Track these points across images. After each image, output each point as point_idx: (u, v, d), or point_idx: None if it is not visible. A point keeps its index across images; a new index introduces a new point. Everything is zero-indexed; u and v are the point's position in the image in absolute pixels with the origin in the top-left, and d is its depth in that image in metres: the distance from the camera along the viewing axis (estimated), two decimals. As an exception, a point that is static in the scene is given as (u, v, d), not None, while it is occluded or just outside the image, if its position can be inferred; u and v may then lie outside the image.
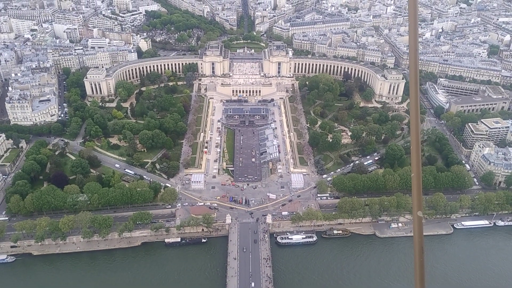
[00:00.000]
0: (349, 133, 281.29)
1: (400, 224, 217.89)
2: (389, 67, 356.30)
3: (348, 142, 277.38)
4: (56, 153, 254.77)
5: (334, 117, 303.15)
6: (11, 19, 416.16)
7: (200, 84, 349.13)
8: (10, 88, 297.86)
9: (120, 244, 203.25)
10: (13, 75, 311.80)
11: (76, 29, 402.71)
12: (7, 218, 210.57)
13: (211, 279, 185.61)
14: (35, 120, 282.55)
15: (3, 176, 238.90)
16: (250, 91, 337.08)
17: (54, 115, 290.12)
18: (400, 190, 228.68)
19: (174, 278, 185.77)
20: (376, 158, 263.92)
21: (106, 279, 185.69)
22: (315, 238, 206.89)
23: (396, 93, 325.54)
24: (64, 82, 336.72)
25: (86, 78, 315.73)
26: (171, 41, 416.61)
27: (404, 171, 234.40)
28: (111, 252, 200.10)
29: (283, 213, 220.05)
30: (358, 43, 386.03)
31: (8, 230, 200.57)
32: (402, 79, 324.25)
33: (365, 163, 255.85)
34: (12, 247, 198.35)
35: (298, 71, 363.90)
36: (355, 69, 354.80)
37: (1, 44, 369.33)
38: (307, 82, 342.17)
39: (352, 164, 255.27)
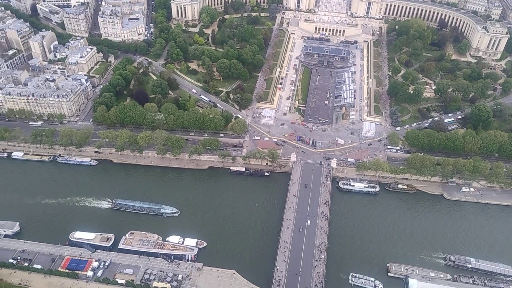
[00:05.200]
0: (433, 87, 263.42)
1: (472, 189, 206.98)
2: (494, 18, 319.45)
3: (431, 96, 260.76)
4: (140, 71, 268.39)
5: (420, 67, 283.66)
6: None
7: (283, 17, 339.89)
8: (103, 3, 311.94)
9: (189, 165, 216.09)
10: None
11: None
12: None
13: (268, 211, 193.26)
14: (124, 37, 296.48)
15: (92, 87, 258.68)
16: (333, 30, 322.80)
17: (141, 34, 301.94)
18: (480, 154, 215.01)
19: (235, 204, 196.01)
20: (459, 117, 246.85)
21: (174, 193, 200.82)
22: (377, 189, 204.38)
23: (496, 49, 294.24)
24: (153, 2, 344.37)
25: (173, 0, 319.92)
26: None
27: (488, 134, 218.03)
28: (180, 171, 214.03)
29: (349, 159, 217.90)
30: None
31: (93, 137, 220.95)
32: (506, 33, 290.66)
33: (445, 121, 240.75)
34: (96, 152, 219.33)
35: (388, 13, 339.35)
36: (453, 17, 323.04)
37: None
38: (396, 27, 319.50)
39: (430, 120, 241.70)
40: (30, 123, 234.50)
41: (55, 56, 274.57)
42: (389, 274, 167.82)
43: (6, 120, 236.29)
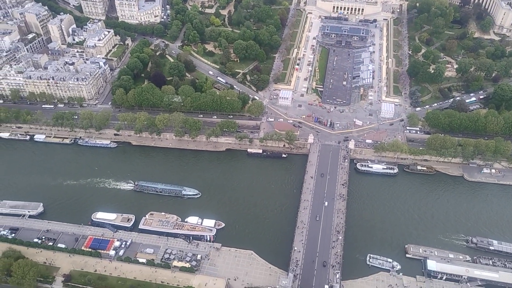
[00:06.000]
0: (455, 66, 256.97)
1: (493, 170, 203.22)
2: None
3: (452, 75, 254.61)
4: (157, 53, 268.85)
5: (442, 46, 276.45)
6: None
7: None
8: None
9: (207, 147, 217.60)
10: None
11: None
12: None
13: (286, 192, 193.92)
14: (140, 19, 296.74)
15: (111, 70, 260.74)
16: (352, 8, 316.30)
17: (157, 16, 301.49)
18: (502, 134, 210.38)
19: (252, 185, 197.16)
20: (481, 97, 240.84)
21: (192, 175, 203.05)
22: (396, 170, 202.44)
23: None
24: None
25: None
26: None
27: (511, 115, 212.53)
28: (198, 153, 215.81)
29: (367, 141, 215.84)
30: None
31: (113, 120, 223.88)
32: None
33: (467, 101, 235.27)
34: (115, 134, 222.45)
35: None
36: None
37: None
38: (417, 4, 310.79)
39: (452, 100, 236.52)
40: (43, 106, 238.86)
41: (74, 40, 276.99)
42: (407, 255, 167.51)
43: (28, 103, 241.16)
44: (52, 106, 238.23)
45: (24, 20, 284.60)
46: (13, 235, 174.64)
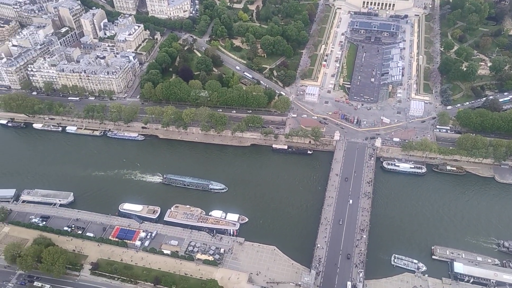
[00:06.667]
0: (489, 64, 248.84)
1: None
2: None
3: (486, 73, 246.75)
4: (185, 48, 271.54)
5: (475, 43, 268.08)
6: None
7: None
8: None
9: (232, 142, 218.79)
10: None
11: None
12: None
13: (310, 189, 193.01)
14: (170, 14, 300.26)
15: (140, 64, 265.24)
16: (382, 4, 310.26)
17: (186, 11, 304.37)
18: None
19: (277, 181, 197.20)
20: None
21: (218, 169, 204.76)
22: (424, 170, 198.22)
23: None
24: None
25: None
26: None
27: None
28: (223, 147, 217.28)
29: (394, 139, 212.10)
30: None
31: (141, 113, 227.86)
32: None
33: (501, 100, 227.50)
34: (143, 128, 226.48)
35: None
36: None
37: None
38: (450, 0, 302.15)
39: (484, 98, 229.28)
40: (69, 98, 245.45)
41: (105, 34, 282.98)
42: (433, 257, 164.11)
43: (61, 96, 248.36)
44: (77, 98, 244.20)
45: (57, 14, 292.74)
46: (44, 223, 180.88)
